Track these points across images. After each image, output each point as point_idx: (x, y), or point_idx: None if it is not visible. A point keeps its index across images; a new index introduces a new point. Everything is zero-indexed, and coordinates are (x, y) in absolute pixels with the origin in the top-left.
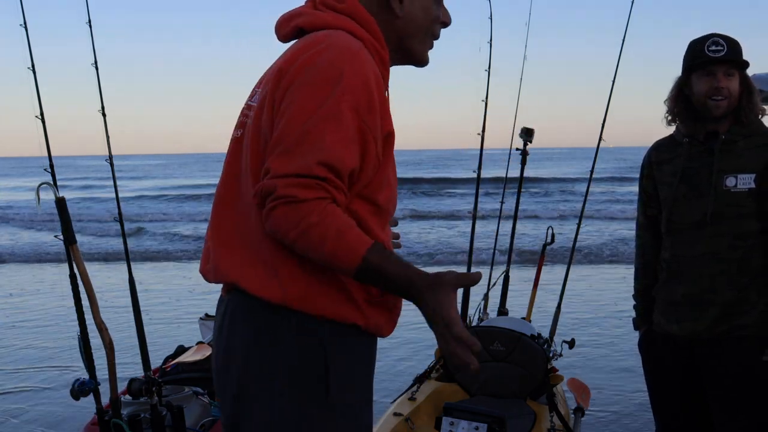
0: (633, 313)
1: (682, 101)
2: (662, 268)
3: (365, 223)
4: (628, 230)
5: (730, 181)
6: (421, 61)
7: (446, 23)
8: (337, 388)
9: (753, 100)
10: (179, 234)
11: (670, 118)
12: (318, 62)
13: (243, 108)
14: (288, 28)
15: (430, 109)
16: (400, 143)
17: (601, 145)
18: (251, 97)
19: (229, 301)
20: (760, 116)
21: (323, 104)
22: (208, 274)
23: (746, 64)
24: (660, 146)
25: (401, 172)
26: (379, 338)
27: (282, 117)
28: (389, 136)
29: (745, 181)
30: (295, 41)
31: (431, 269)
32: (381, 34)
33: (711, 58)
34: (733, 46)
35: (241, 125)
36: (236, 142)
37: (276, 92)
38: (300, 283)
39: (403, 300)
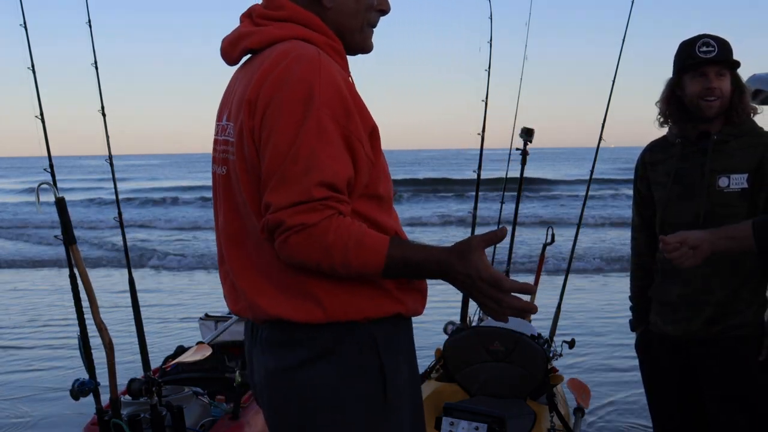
0: (630, 314)
1: (674, 102)
2: (657, 269)
3: (373, 218)
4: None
5: (722, 182)
6: (362, 50)
7: (384, 11)
8: (392, 386)
9: (744, 100)
10: (111, 243)
11: (662, 119)
12: (285, 83)
13: (217, 142)
14: (236, 51)
15: (430, 108)
16: (400, 142)
17: (601, 145)
18: (223, 130)
19: (268, 330)
20: (751, 115)
21: (303, 124)
22: (245, 313)
23: (737, 64)
24: (653, 147)
25: (402, 173)
26: None
27: (266, 147)
28: (373, 131)
29: (738, 181)
30: (247, 61)
31: None
32: (327, 27)
33: (702, 59)
34: (723, 47)
35: (223, 162)
36: (224, 179)
37: (252, 123)
38: (338, 297)
39: None
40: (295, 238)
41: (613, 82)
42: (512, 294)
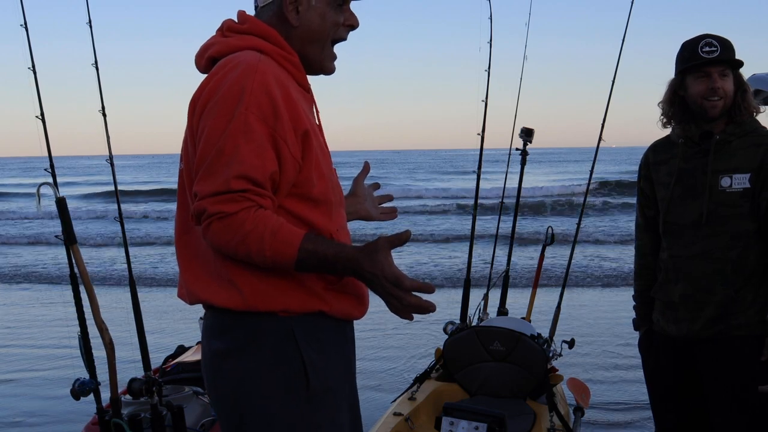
0: (633, 314)
1: (677, 103)
2: (660, 269)
3: (306, 218)
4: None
5: (725, 182)
6: (321, 70)
7: (353, 26)
8: (315, 376)
9: (747, 99)
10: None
11: (665, 120)
12: (221, 85)
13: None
14: (203, 60)
15: (430, 108)
16: (402, 143)
17: (601, 145)
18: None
19: (205, 318)
20: (754, 114)
21: (230, 121)
22: (185, 298)
23: (740, 64)
24: (657, 147)
25: (404, 177)
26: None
27: (199, 143)
28: (306, 134)
29: (740, 181)
30: None
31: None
32: (285, 41)
33: (706, 60)
34: (726, 46)
35: (181, 159)
36: (181, 174)
37: (192, 121)
38: (256, 286)
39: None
40: (216, 224)
41: (613, 82)
42: (413, 293)
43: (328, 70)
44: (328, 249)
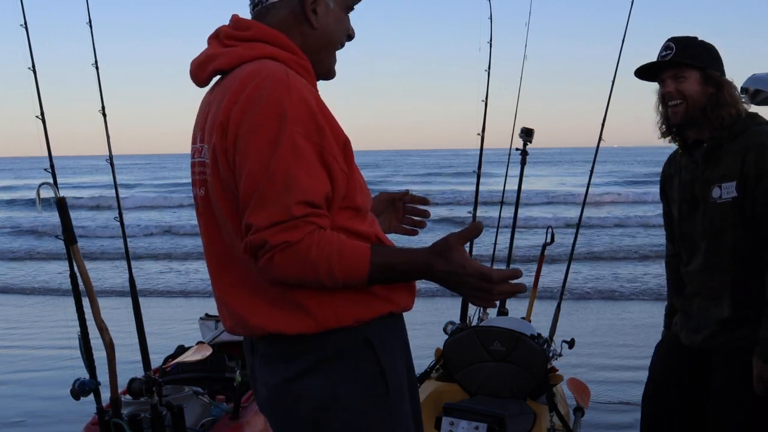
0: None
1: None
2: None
3: (351, 227)
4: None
5: (715, 192)
6: (329, 73)
7: (351, 36)
8: (392, 378)
9: (721, 99)
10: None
11: (663, 130)
12: (255, 104)
13: (194, 164)
14: (205, 73)
15: (430, 108)
16: (402, 143)
17: (601, 145)
18: (198, 152)
19: (265, 345)
20: (743, 114)
21: (277, 144)
22: (239, 330)
23: (695, 63)
24: (671, 159)
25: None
26: None
27: (242, 169)
28: (345, 144)
29: (729, 190)
30: (217, 82)
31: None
32: (296, 46)
33: (653, 64)
34: (683, 47)
35: (201, 183)
36: (204, 200)
37: (225, 145)
38: (325, 304)
39: None
40: (279, 256)
41: (613, 82)
42: (506, 279)
43: (333, 74)
44: (397, 258)
